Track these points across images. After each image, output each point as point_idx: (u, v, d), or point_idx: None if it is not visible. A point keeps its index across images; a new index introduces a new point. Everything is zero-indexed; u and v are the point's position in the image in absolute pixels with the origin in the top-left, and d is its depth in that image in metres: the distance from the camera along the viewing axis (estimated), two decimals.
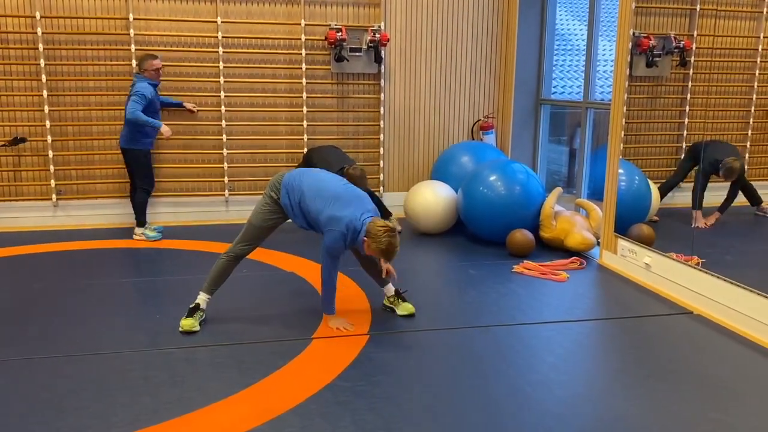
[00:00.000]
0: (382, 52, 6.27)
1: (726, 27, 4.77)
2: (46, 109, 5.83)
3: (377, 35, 6.12)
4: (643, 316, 3.96)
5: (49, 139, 5.89)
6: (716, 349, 3.50)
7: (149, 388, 2.99)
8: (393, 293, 3.96)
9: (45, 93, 5.80)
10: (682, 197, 5.02)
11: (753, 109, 4.77)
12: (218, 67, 6.09)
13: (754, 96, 4.74)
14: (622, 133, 4.89)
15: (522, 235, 5.22)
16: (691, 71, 4.95)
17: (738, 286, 3.79)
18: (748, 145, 4.85)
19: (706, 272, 4.04)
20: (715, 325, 3.82)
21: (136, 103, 5.30)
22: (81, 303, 4.08)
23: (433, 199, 5.74)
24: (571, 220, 5.33)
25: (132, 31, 5.86)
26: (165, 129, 5.45)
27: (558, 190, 5.57)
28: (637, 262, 4.64)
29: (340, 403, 2.87)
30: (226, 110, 6.18)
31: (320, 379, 3.08)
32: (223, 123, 6.20)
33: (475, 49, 6.66)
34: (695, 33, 4.90)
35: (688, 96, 4.99)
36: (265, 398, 2.91)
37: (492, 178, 5.48)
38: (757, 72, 4.74)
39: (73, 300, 4.13)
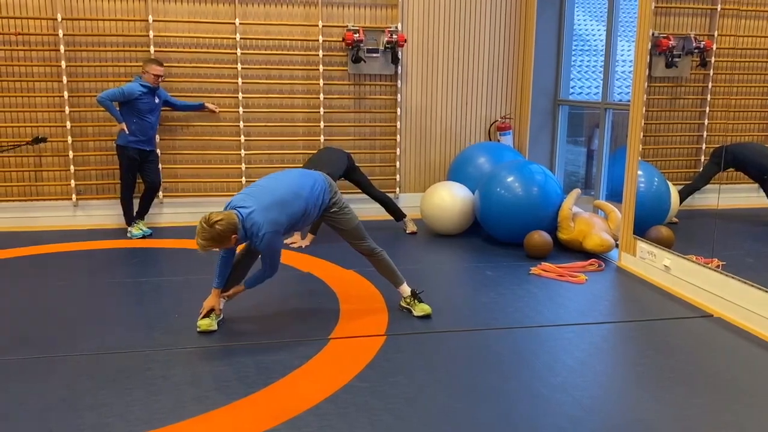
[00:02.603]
0: (399, 53, 6.27)
1: (747, 27, 4.71)
2: (67, 109, 5.90)
3: (394, 36, 6.12)
4: (663, 319, 3.92)
5: (70, 139, 5.96)
6: (736, 353, 3.45)
7: (168, 386, 3.02)
8: (409, 294, 3.95)
9: (66, 94, 5.87)
10: (702, 199, 4.96)
11: None
12: (236, 68, 6.13)
13: None
14: (642, 134, 4.84)
15: (540, 237, 5.19)
16: (711, 72, 4.89)
17: (760, 289, 3.74)
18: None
19: (727, 275, 3.99)
20: (735, 328, 3.77)
21: (110, 90, 5.49)
22: (100, 302, 4.13)
23: (449, 200, 5.73)
24: (590, 222, 5.29)
25: (151, 33, 5.91)
26: (122, 126, 5.57)
27: (576, 191, 5.53)
28: (656, 265, 4.60)
29: (358, 403, 2.87)
30: (243, 111, 6.22)
31: (338, 379, 3.09)
32: (241, 124, 6.23)
33: (493, 50, 6.63)
34: (716, 33, 4.84)
35: (708, 97, 4.93)
36: (283, 398, 2.92)
37: (509, 179, 5.46)
38: None
39: (93, 299, 4.18)
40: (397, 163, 6.57)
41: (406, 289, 3.97)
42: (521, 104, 6.75)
